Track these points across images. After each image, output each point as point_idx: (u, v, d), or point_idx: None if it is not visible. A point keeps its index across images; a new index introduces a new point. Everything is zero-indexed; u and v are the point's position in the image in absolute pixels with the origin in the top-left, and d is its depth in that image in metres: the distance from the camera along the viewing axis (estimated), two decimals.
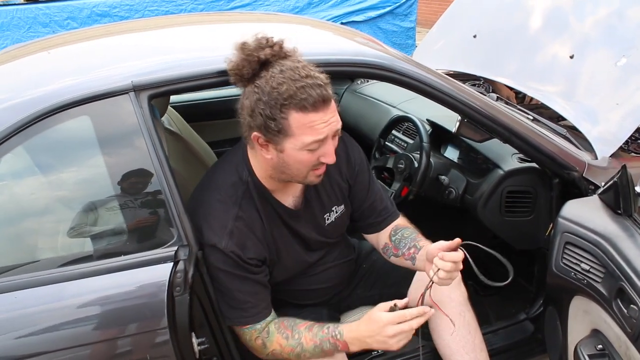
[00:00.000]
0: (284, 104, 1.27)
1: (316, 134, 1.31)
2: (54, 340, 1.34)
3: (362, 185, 1.67)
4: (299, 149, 1.33)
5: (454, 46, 2.87)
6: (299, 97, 1.26)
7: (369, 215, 1.72)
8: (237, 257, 1.43)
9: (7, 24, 4.77)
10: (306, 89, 1.26)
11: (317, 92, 1.27)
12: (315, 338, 1.46)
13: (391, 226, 1.73)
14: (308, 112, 1.28)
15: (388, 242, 1.70)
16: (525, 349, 2.04)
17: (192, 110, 2.91)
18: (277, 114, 1.28)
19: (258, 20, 2.10)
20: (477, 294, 2.41)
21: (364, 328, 1.44)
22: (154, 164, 1.40)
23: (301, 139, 1.31)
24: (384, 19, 5.73)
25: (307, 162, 1.37)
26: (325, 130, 1.32)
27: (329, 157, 1.37)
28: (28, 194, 1.49)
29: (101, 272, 1.36)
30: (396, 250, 1.67)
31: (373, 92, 3.09)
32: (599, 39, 2.18)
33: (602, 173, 1.76)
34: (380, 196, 1.72)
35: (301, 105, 1.27)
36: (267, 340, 1.48)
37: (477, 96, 1.76)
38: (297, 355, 1.47)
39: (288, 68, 1.28)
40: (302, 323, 1.50)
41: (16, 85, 1.52)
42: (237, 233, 1.44)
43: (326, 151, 1.36)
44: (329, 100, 1.31)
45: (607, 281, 1.41)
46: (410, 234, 1.66)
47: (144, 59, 1.54)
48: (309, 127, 1.30)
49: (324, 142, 1.34)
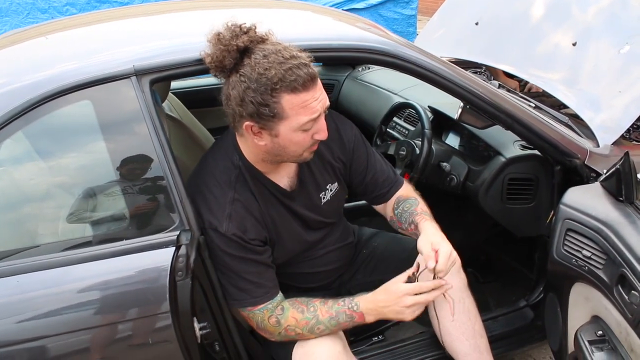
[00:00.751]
0: (275, 88, 1.27)
1: (310, 113, 1.33)
2: (56, 324, 1.34)
3: (360, 160, 1.68)
4: (294, 130, 1.34)
5: (455, 33, 2.85)
6: (288, 79, 1.27)
7: (373, 189, 1.72)
8: (239, 239, 1.44)
9: (5, 10, 4.74)
10: (294, 69, 1.27)
11: (305, 72, 1.28)
12: (330, 310, 1.48)
13: (394, 198, 1.74)
14: (299, 93, 1.29)
15: (392, 216, 1.73)
16: (525, 336, 2.04)
17: (193, 96, 2.89)
18: (269, 99, 1.28)
19: (259, 5, 2.08)
20: (477, 280, 2.42)
21: (381, 298, 1.48)
22: (156, 149, 1.39)
23: (296, 119, 1.32)
24: (385, 7, 5.68)
25: (302, 142, 1.38)
26: (318, 108, 1.34)
27: (323, 133, 1.39)
28: (28, 180, 1.49)
29: (103, 257, 1.37)
30: (400, 225, 1.70)
31: (374, 79, 3.08)
32: (602, 26, 2.17)
33: (604, 161, 1.76)
34: (381, 167, 1.72)
35: (292, 87, 1.28)
36: (282, 317, 1.49)
37: (480, 83, 1.75)
38: (310, 329, 1.48)
39: (271, 52, 1.29)
40: (315, 299, 1.52)
41: (15, 69, 1.51)
42: (235, 216, 1.45)
43: (319, 128, 1.38)
44: (316, 78, 1.32)
45: (608, 268, 1.41)
46: (410, 207, 1.67)
47: (145, 44, 1.53)
48: (302, 107, 1.31)
49: (317, 119, 1.36)
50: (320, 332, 1.49)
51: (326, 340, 1.51)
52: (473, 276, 2.41)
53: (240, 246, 1.45)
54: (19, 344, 1.33)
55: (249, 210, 1.49)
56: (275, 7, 2.09)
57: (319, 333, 1.49)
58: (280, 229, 1.57)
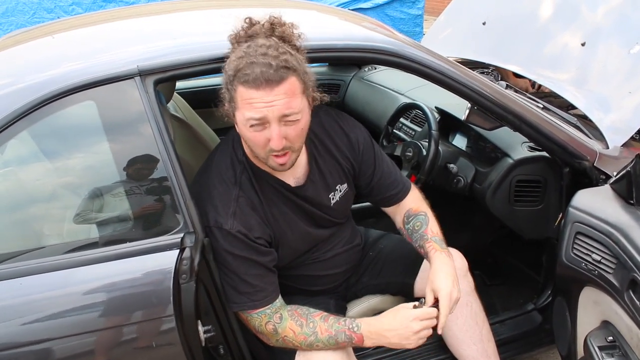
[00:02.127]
0: (234, 77, 1.29)
1: (254, 112, 1.30)
2: (60, 327, 1.33)
3: (369, 162, 1.66)
4: (243, 124, 1.34)
5: (462, 33, 2.84)
6: (242, 72, 1.28)
7: (379, 192, 1.71)
8: (244, 237, 1.43)
9: (11, 9, 4.75)
10: (253, 65, 1.27)
11: (261, 71, 1.26)
12: (330, 329, 1.46)
13: (404, 207, 1.72)
14: (248, 88, 1.28)
15: (402, 228, 1.72)
16: (533, 340, 2.03)
17: (198, 96, 2.88)
18: (230, 85, 1.32)
19: (265, 5, 2.07)
20: (484, 283, 2.40)
21: (387, 321, 1.46)
22: (160, 150, 1.38)
23: (242, 112, 1.32)
24: (391, 6, 5.67)
25: (255, 140, 1.35)
26: (264, 111, 1.29)
27: (273, 141, 1.33)
28: (32, 180, 1.48)
29: (107, 259, 1.36)
30: (410, 240, 1.69)
31: (380, 80, 3.07)
32: (612, 26, 2.15)
33: (614, 162, 1.74)
34: (388, 170, 1.70)
35: (243, 80, 1.28)
36: (279, 326, 1.47)
37: (487, 83, 1.74)
38: (309, 344, 1.47)
39: (255, 45, 1.30)
40: (316, 312, 1.50)
41: (20, 69, 1.50)
42: (239, 213, 1.44)
43: (270, 134, 1.33)
44: (275, 82, 1.28)
45: (619, 272, 1.39)
46: (420, 227, 1.66)
47: (149, 44, 1.52)
48: (248, 103, 1.30)
49: (267, 124, 1.32)
50: (318, 348, 1.47)
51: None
52: (480, 279, 2.39)
53: (244, 245, 1.44)
54: (23, 347, 1.32)
55: (253, 208, 1.48)
56: (280, 7, 2.08)
57: (317, 349, 1.48)
58: (284, 227, 1.56)
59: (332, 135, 1.59)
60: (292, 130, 1.34)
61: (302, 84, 1.33)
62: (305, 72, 1.34)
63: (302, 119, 1.35)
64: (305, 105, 1.36)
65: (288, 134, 1.34)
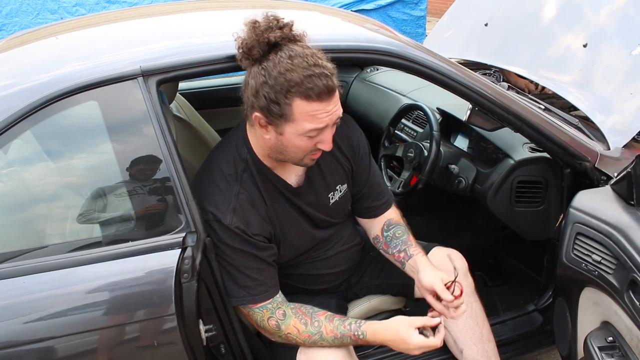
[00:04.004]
0: (290, 91, 1.27)
1: (317, 123, 1.32)
2: (63, 325, 1.34)
3: (364, 168, 1.68)
4: (298, 134, 1.34)
5: (465, 34, 2.84)
6: (305, 86, 1.26)
7: (365, 200, 1.73)
8: (242, 233, 1.44)
9: (15, 10, 4.77)
10: (313, 78, 1.26)
11: (324, 83, 1.27)
12: (336, 331, 1.47)
13: (384, 218, 1.74)
14: (312, 102, 1.29)
15: (380, 235, 1.73)
16: (534, 340, 2.03)
17: (201, 97, 2.90)
18: (282, 99, 1.29)
19: (267, 6, 2.08)
20: (485, 284, 2.41)
21: (389, 337, 1.46)
22: (163, 151, 1.39)
23: (302, 125, 1.32)
24: (394, 8, 5.67)
25: (304, 147, 1.38)
26: (326, 120, 1.33)
27: (327, 144, 1.38)
28: (36, 180, 1.49)
29: (109, 258, 1.36)
30: (386, 247, 1.71)
31: (382, 81, 3.07)
32: (614, 27, 2.14)
33: (615, 164, 1.74)
34: (377, 180, 1.73)
35: (306, 95, 1.27)
36: (283, 323, 1.48)
37: (489, 84, 1.74)
38: (313, 342, 1.47)
39: (297, 54, 1.28)
40: (320, 312, 1.50)
41: (24, 70, 1.51)
42: (239, 210, 1.45)
43: (324, 138, 1.37)
44: (334, 91, 1.31)
45: (619, 273, 1.39)
46: (402, 235, 1.69)
47: (152, 44, 1.53)
48: (310, 116, 1.31)
49: (324, 130, 1.35)
50: (322, 346, 1.48)
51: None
52: (481, 279, 2.40)
53: (242, 240, 1.44)
54: (26, 345, 1.32)
55: (254, 205, 1.49)
56: (283, 8, 2.08)
57: (320, 347, 1.49)
58: (286, 225, 1.56)
59: (334, 136, 1.59)
60: (334, 129, 1.40)
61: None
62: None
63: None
64: None
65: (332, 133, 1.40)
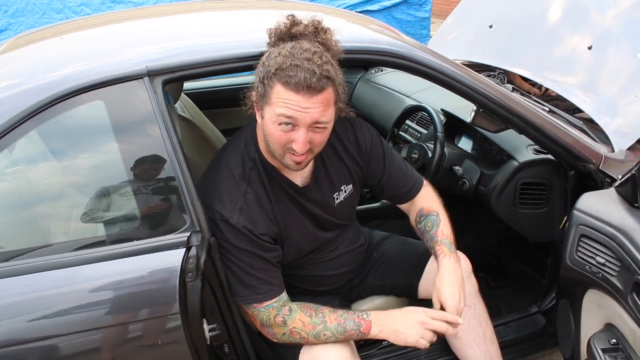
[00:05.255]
0: (275, 74, 1.31)
1: (287, 111, 1.32)
2: (67, 323, 1.35)
3: (377, 161, 1.67)
4: (272, 120, 1.35)
5: (469, 36, 2.84)
6: (286, 73, 1.29)
7: (390, 189, 1.72)
8: (249, 232, 1.44)
9: (21, 10, 4.78)
10: (297, 68, 1.28)
11: (304, 76, 1.28)
12: (339, 318, 1.49)
13: (416, 207, 1.74)
14: (288, 90, 1.30)
15: (415, 227, 1.74)
16: (537, 342, 2.03)
17: (206, 97, 2.90)
18: (267, 80, 1.33)
19: (272, 7, 2.08)
20: (488, 285, 2.41)
21: (395, 313, 1.51)
22: (168, 150, 1.40)
23: (274, 108, 1.34)
24: (399, 9, 5.67)
25: (278, 137, 1.37)
26: (297, 114, 1.32)
27: (297, 144, 1.35)
28: (41, 178, 1.49)
29: (114, 257, 1.37)
30: (423, 239, 1.71)
31: (387, 82, 3.07)
32: (618, 29, 2.14)
33: (619, 166, 1.74)
34: (399, 166, 1.71)
35: (285, 81, 1.30)
36: (289, 318, 1.48)
37: (494, 86, 1.74)
38: (316, 334, 1.48)
39: (299, 47, 1.32)
40: (324, 307, 1.53)
41: (30, 69, 1.52)
42: (246, 209, 1.46)
43: (296, 137, 1.35)
44: (316, 90, 1.30)
45: (623, 275, 1.39)
46: (431, 229, 1.67)
47: (158, 44, 1.53)
48: (283, 102, 1.32)
49: (296, 126, 1.34)
50: (325, 338, 1.48)
51: (334, 345, 1.50)
52: (484, 281, 2.40)
53: (249, 240, 1.45)
54: (31, 343, 1.33)
55: (260, 204, 1.49)
56: (288, 9, 2.09)
57: (324, 340, 1.49)
58: (291, 226, 1.57)
59: (340, 136, 1.60)
60: (317, 137, 1.38)
61: (336, 95, 1.37)
62: (340, 84, 1.37)
63: (328, 127, 1.39)
64: (334, 115, 1.39)
65: (313, 139, 1.38)
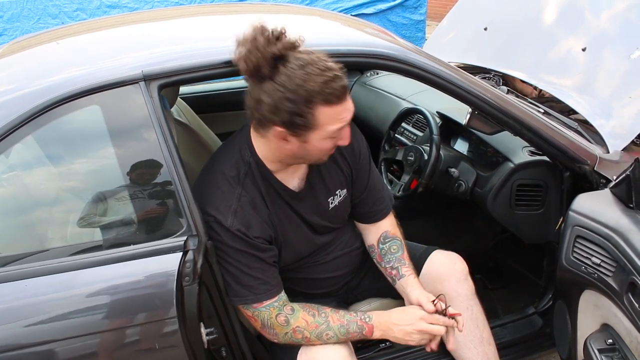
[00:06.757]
0: (312, 100, 1.29)
1: (340, 122, 1.37)
2: (64, 328, 1.34)
3: (364, 174, 1.69)
4: (323, 138, 1.37)
5: (464, 39, 2.85)
6: (325, 92, 1.29)
7: (365, 204, 1.73)
8: (243, 235, 1.44)
9: (17, 15, 4.78)
10: (330, 83, 1.29)
11: (340, 84, 1.31)
12: (342, 318, 1.51)
13: (381, 228, 1.75)
14: (334, 105, 1.32)
15: (375, 246, 1.76)
16: (534, 343, 2.03)
17: (202, 101, 2.91)
18: (305, 110, 1.30)
19: (267, 11, 2.09)
20: (485, 287, 2.41)
21: (395, 316, 1.55)
22: (164, 154, 1.40)
23: (327, 128, 1.35)
24: (394, 12, 5.69)
25: (328, 148, 1.42)
26: (348, 117, 1.38)
27: (346, 139, 1.43)
28: (37, 184, 1.49)
29: (111, 261, 1.37)
30: (380, 260, 1.74)
31: (383, 85, 3.08)
32: (612, 31, 2.15)
33: (614, 167, 1.74)
34: (377, 186, 1.74)
35: (328, 100, 1.30)
36: (292, 317, 1.49)
37: (488, 88, 1.75)
38: (319, 334, 1.49)
39: (307, 63, 1.29)
40: (326, 307, 1.55)
41: (26, 75, 1.52)
42: (240, 212, 1.46)
43: (344, 134, 1.42)
44: (347, 88, 1.35)
45: (618, 275, 1.40)
46: (397, 251, 1.71)
47: (154, 49, 1.54)
48: (334, 118, 1.34)
49: (345, 127, 1.39)
50: (327, 338, 1.49)
51: (332, 346, 1.50)
52: (481, 283, 2.40)
53: (243, 242, 1.45)
54: (27, 348, 1.33)
55: (255, 208, 1.49)
56: (283, 13, 2.10)
57: (326, 340, 1.49)
58: (288, 230, 1.57)
59: None
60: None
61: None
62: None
63: None
64: None
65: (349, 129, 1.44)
